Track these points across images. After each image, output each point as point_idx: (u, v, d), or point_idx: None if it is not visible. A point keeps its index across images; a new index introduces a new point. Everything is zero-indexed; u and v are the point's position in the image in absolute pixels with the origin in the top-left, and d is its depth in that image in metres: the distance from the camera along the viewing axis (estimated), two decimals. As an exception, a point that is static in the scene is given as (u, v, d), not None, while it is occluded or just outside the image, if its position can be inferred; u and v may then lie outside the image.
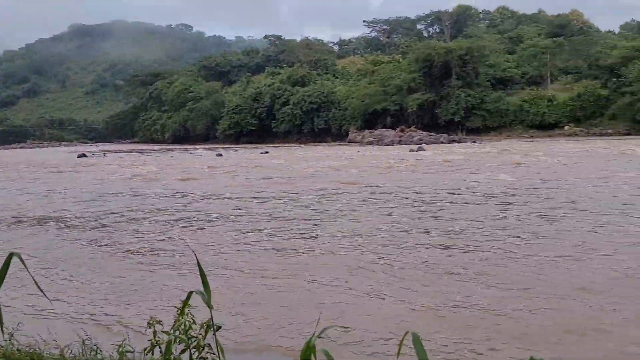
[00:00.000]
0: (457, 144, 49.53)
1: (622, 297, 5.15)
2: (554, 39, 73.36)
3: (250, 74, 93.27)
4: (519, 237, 7.94)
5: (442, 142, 51.92)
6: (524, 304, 5.04)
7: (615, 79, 59.35)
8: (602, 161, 22.51)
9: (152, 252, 7.82)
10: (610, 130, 55.15)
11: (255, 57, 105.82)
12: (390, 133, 60.46)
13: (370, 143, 58.25)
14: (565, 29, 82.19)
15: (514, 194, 12.87)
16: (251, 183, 17.99)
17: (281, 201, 12.98)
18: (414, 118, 64.22)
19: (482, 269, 6.23)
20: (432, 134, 56.73)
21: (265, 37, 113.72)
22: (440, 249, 7.37)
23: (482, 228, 8.68)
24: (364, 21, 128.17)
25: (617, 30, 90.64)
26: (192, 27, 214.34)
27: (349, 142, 64.28)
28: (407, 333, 1.57)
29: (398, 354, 1.66)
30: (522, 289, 5.47)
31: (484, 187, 14.42)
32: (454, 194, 13.27)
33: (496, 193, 13.20)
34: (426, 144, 48.55)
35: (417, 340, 1.53)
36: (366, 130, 65.09)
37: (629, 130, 53.88)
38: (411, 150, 38.41)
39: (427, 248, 7.42)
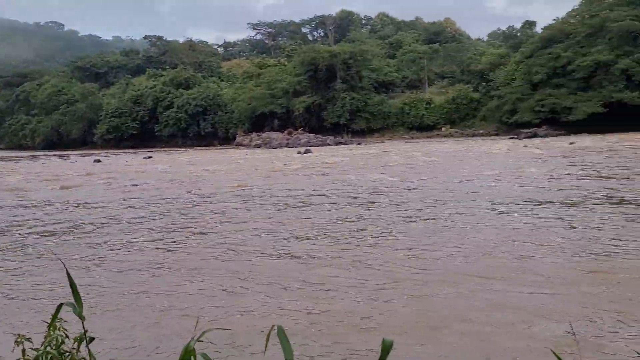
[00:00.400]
0: (343, 146, 50.64)
1: (478, 286, 5.45)
2: (430, 45, 77.95)
3: (130, 76, 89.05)
4: (383, 234, 8.19)
5: (329, 144, 52.89)
6: (388, 299, 5.18)
7: (484, 84, 64.16)
8: (471, 160, 24.02)
9: (12, 269, 7.01)
10: (481, 131, 59.40)
11: (135, 58, 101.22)
12: (277, 136, 60.57)
13: (258, 146, 57.99)
14: (440, 36, 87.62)
15: (388, 193, 13.28)
16: (130, 190, 17.02)
17: (160, 208, 12.34)
18: (301, 121, 64.91)
19: (348, 267, 6.35)
20: (319, 136, 57.64)
21: (146, 37, 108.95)
22: (309, 249, 7.40)
23: (350, 227, 8.87)
24: (248, 24, 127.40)
25: (485, 38, 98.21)
26: (63, 25, 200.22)
27: (236, 145, 63.55)
28: (273, 326, 1.61)
29: (265, 346, 1.72)
30: (387, 286, 5.62)
31: (362, 187, 14.76)
32: (332, 195, 13.42)
33: (372, 192, 13.59)
34: (313, 146, 49.14)
35: (281, 333, 1.58)
36: (254, 133, 64.76)
37: (497, 130, 58.38)
38: (298, 153, 38.69)
39: (298, 249, 7.41)
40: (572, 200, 10.78)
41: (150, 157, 42.46)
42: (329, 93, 65.44)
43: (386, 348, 1.57)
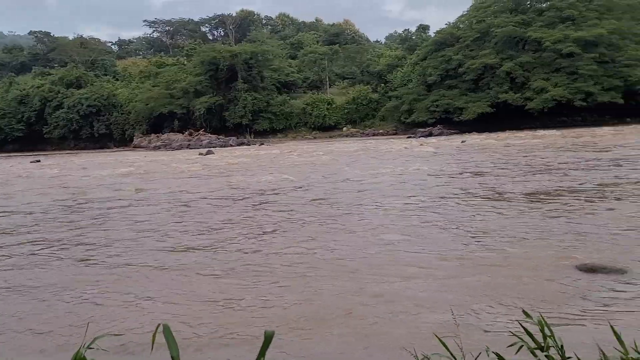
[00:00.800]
0: (245, 147, 50.14)
1: (363, 281, 5.57)
2: (331, 46, 79.12)
3: (13, 74, 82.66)
4: (269, 235, 8.20)
5: (232, 145, 52.17)
6: (275, 297, 5.23)
7: (383, 84, 66.20)
8: (368, 159, 24.61)
9: None
10: (381, 130, 61.22)
11: (19, 55, 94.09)
12: (178, 137, 58.91)
13: (158, 148, 56.04)
14: (340, 37, 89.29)
15: (282, 194, 13.27)
16: (12, 196, 15.72)
17: (41, 216, 11.45)
18: (203, 121, 63.51)
19: (235, 269, 6.31)
20: (221, 137, 56.72)
21: (31, 33, 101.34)
22: (194, 254, 7.24)
23: (233, 228, 8.82)
24: (144, 21, 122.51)
25: (383, 41, 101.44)
26: None
27: (134, 147, 61.08)
28: (159, 325, 1.61)
29: (152, 344, 1.72)
30: (274, 285, 5.64)
31: (258, 188, 14.67)
32: (226, 197, 13.20)
33: (266, 193, 13.53)
34: (215, 147, 48.26)
35: (167, 331, 1.58)
36: (153, 135, 62.57)
37: (396, 130, 60.46)
38: (200, 154, 37.73)
39: (182, 256, 7.21)
40: (454, 196, 11.34)
41: (38, 161, 39.68)
42: (231, 93, 64.55)
43: (268, 338, 1.61)
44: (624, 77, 49.26)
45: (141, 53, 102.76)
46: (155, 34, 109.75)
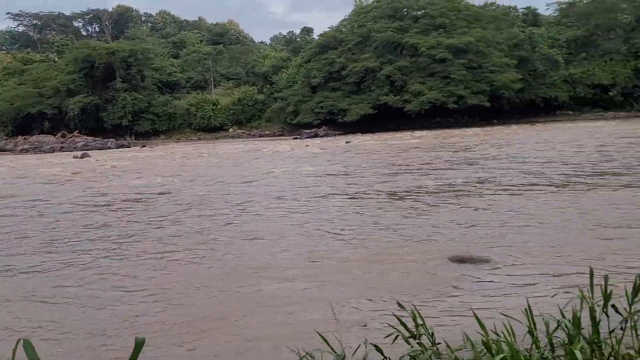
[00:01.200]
0: (126, 149, 47.84)
1: (240, 286, 5.51)
2: (215, 46, 77.81)
3: None
4: (129, 242, 7.89)
5: (110, 147, 49.54)
6: (148, 305, 5.07)
7: (269, 86, 66.26)
8: (251, 160, 24.53)
9: None
10: (267, 131, 61.23)
11: None
12: (49, 139, 54.74)
13: (26, 151, 51.68)
14: (224, 37, 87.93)
15: (154, 198, 12.78)
16: None
17: None
18: (77, 122, 59.58)
19: (93, 280, 6.02)
20: (99, 139, 53.62)
21: None
22: (46, 266, 6.76)
23: (94, 238, 8.36)
24: (7, 13, 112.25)
25: (268, 42, 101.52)
26: None
27: (-2, 150, 55.85)
28: (19, 340, 1.57)
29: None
30: (144, 293, 5.43)
31: (129, 193, 14.05)
32: (90, 203, 12.49)
33: (134, 198, 12.99)
34: (92, 149, 45.55)
35: (28, 346, 1.55)
36: (20, 137, 57.62)
37: (282, 130, 60.79)
38: (75, 157, 35.34)
39: (33, 270, 6.69)
40: (328, 196, 11.56)
41: None
42: (108, 93, 61.18)
43: (138, 345, 1.60)
44: (490, 82, 53.43)
45: (4, 48, 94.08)
46: (21, 28, 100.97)
